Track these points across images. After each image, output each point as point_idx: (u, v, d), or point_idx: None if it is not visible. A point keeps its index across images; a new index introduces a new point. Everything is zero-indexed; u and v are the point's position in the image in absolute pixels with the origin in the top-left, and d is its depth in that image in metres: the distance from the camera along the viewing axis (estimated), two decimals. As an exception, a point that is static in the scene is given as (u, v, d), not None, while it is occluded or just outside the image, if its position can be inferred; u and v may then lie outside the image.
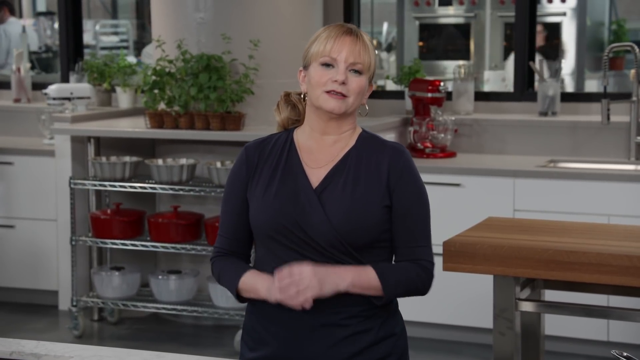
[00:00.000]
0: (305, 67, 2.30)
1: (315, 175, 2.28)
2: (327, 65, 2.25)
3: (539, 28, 7.44)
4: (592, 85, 8.33)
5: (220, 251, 2.36)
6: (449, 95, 5.37)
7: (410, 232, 2.26)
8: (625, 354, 1.94)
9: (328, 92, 2.24)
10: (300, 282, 2.15)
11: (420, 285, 2.28)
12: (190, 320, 5.26)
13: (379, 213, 2.23)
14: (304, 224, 2.22)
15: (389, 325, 2.30)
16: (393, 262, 2.31)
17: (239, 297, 2.32)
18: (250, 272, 2.28)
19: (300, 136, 2.33)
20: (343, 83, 2.23)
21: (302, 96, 2.35)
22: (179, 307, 4.95)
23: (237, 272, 2.29)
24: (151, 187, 4.93)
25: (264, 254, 2.30)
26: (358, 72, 2.25)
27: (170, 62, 5.01)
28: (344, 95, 2.24)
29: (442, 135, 5.09)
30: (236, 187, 2.32)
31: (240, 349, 2.39)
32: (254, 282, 2.25)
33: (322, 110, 2.26)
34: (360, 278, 2.22)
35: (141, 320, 5.33)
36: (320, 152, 2.30)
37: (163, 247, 4.92)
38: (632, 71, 5.04)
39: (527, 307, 3.25)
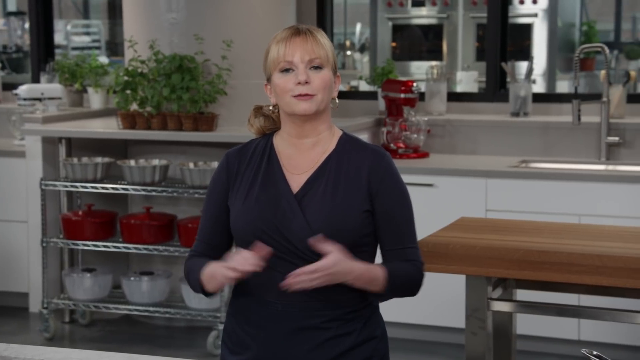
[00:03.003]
0: (268, 79, 2.30)
1: (296, 180, 2.27)
2: (286, 70, 2.24)
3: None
4: (563, 86, 8.40)
5: (194, 254, 2.35)
6: (421, 96, 5.39)
7: (397, 235, 2.27)
8: (595, 352, 1.95)
9: (295, 96, 2.23)
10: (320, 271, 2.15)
11: (414, 285, 2.30)
12: (162, 322, 5.23)
13: (359, 218, 2.23)
14: (284, 229, 2.22)
15: (370, 328, 2.30)
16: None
17: (204, 292, 2.30)
18: (211, 263, 2.28)
19: (279, 142, 2.33)
20: (307, 82, 2.22)
21: (273, 108, 2.34)
22: (151, 308, 4.93)
23: (200, 267, 2.28)
24: (123, 188, 4.90)
25: None
26: (318, 68, 2.24)
27: (143, 62, 4.99)
28: (311, 95, 2.23)
29: (415, 135, 5.11)
30: (217, 193, 2.32)
31: (221, 351, 2.38)
32: (212, 269, 2.24)
33: (296, 115, 2.26)
34: (370, 274, 2.22)
35: (113, 322, 5.30)
36: (300, 157, 2.30)
37: (135, 248, 4.90)
38: (603, 72, 5.08)
39: (499, 306, 3.26)
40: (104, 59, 7.70)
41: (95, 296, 5.05)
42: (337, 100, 2.33)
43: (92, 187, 4.95)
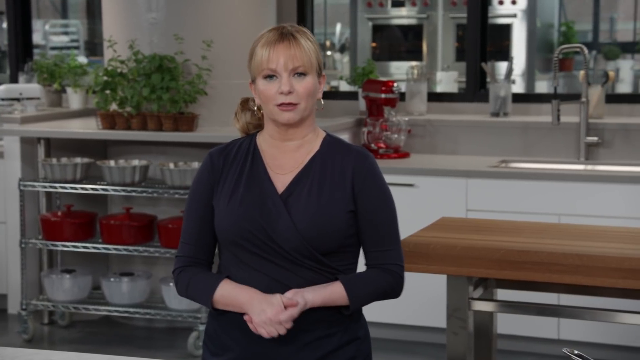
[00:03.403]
0: (253, 80, 2.28)
1: (281, 181, 2.26)
2: (270, 77, 2.22)
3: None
4: (542, 86, 8.43)
5: (184, 261, 2.31)
6: (402, 96, 5.39)
7: (377, 237, 2.26)
8: (576, 352, 1.96)
9: (279, 105, 2.22)
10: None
11: (390, 291, 2.28)
12: (142, 323, 5.21)
13: (344, 218, 2.23)
14: (270, 229, 2.21)
15: (353, 329, 2.29)
16: (363, 268, 2.30)
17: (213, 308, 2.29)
18: (227, 283, 2.25)
19: (263, 142, 2.32)
20: (290, 92, 2.20)
21: (257, 109, 2.33)
22: (131, 309, 4.91)
23: (211, 283, 2.26)
24: (103, 189, 4.88)
25: (229, 259, 2.28)
26: (302, 74, 2.22)
27: (122, 62, 4.96)
28: (295, 104, 2.22)
29: (396, 135, 5.11)
30: (201, 193, 2.30)
31: (203, 354, 2.36)
32: (236, 296, 2.22)
33: (279, 122, 2.25)
34: (331, 297, 2.22)
35: (92, 324, 5.27)
36: (284, 158, 2.29)
37: (115, 249, 4.87)
38: (582, 72, 5.10)
39: (480, 306, 3.27)
40: (82, 59, 7.65)
41: (74, 297, 5.02)
42: (322, 102, 2.32)
43: (72, 188, 4.92)
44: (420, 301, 4.66)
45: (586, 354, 4.59)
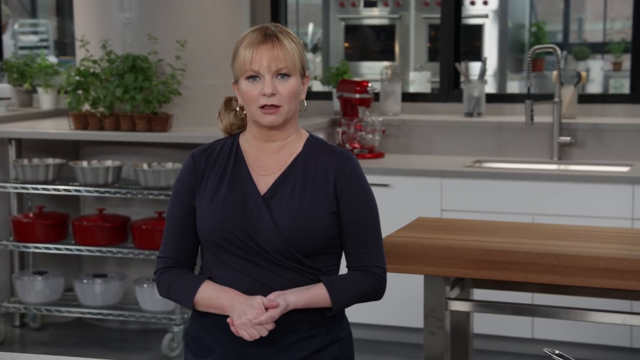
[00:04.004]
0: (236, 81, 2.27)
1: (263, 182, 2.25)
2: (253, 77, 2.21)
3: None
4: (513, 86, 8.48)
5: (166, 262, 2.29)
6: (376, 96, 5.40)
7: (360, 238, 2.25)
8: (557, 351, 1.96)
9: (261, 107, 2.20)
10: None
11: (372, 293, 2.28)
12: (116, 325, 5.17)
13: (327, 220, 2.22)
14: (252, 231, 2.20)
15: (335, 330, 2.29)
16: (346, 270, 2.29)
17: (194, 309, 2.27)
18: (208, 285, 2.23)
19: (245, 143, 2.30)
20: (272, 94, 2.19)
21: (240, 110, 2.32)
22: (104, 311, 4.87)
23: (192, 285, 2.24)
24: (76, 190, 4.83)
25: (211, 260, 2.27)
26: (285, 76, 2.21)
27: (95, 62, 4.92)
28: (277, 106, 2.20)
29: (370, 136, 5.11)
30: (182, 194, 2.29)
31: (185, 355, 2.35)
32: (217, 298, 2.21)
33: (261, 124, 2.24)
34: (314, 299, 2.21)
35: (65, 326, 5.22)
36: (267, 158, 2.27)
37: (88, 250, 4.83)
38: (555, 72, 5.13)
39: (457, 306, 3.28)
40: (52, 59, 7.58)
41: (46, 299, 4.98)
42: (305, 103, 2.30)
43: (43, 189, 4.87)
44: (397, 301, 4.66)
45: (564, 353, 4.61)
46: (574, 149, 5.02)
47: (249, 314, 2.14)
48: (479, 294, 3.78)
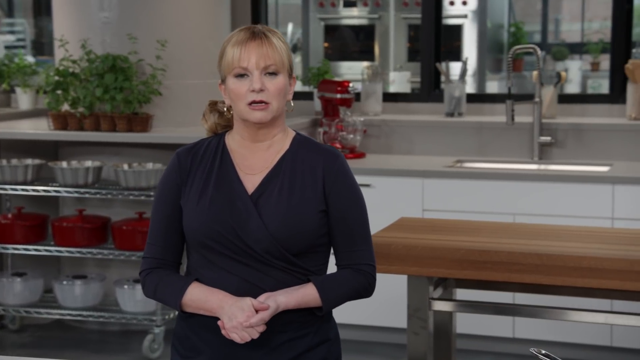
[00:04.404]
0: (223, 80, 2.26)
1: (251, 181, 2.24)
2: (241, 75, 2.20)
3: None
4: (492, 86, 8.51)
5: (152, 263, 2.28)
6: (357, 96, 5.39)
7: (348, 236, 2.25)
8: (543, 351, 1.96)
9: (250, 104, 2.20)
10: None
11: (363, 291, 2.28)
12: (96, 326, 5.14)
13: (316, 218, 2.21)
14: (240, 231, 2.18)
15: (324, 330, 2.29)
16: (336, 268, 2.29)
17: (181, 310, 2.26)
18: (196, 286, 2.22)
19: (232, 142, 2.29)
20: (261, 90, 2.19)
21: (227, 110, 2.31)
22: (84, 312, 4.84)
23: (180, 286, 2.23)
24: (55, 191, 4.80)
25: (198, 260, 2.25)
26: (274, 74, 2.20)
27: (74, 62, 4.89)
28: (266, 103, 2.20)
29: (352, 136, 5.11)
30: (167, 193, 2.27)
31: (171, 356, 2.33)
32: (205, 300, 2.19)
33: (250, 122, 2.23)
34: (304, 300, 2.20)
35: (44, 327, 5.18)
36: (254, 157, 2.26)
37: (68, 251, 4.80)
38: (535, 72, 5.15)
39: (441, 306, 3.28)
40: (29, 59, 7.52)
41: (25, 301, 4.94)
42: (292, 103, 2.29)
43: (22, 190, 4.83)
44: (379, 302, 4.65)
45: (546, 351, 4.61)
46: (554, 148, 5.04)
47: (240, 317, 2.13)
48: (461, 293, 3.79)
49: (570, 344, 4.56)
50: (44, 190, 4.81)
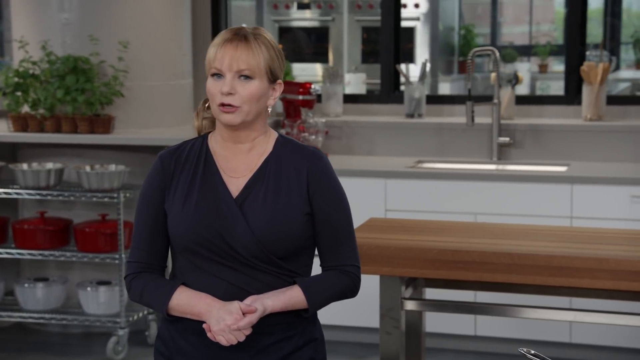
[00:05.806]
0: None
1: (235, 184, 2.23)
2: (217, 75, 2.19)
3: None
4: (444, 87, 8.61)
5: (137, 267, 2.27)
6: (318, 98, 5.42)
7: (333, 238, 2.26)
8: (532, 351, 2.00)
9: (220, 105, 2.19)
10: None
11: (348, 292, 2.30)
12: (57, 329, 5.09)
13: (302, 221, 2.22)
14: (226, 235, 2.18)
15: (310, 330, 2.30)
16: (320, 270, 2.31)
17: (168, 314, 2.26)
18: (183, 291, 2.22)
19: (215, 144, 2.29)
20: (230, 93, 2.17)
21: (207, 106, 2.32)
22: (46, 315, 4.79)
23: (166, 290, 2.22)
24: (16, 193, 4.74)
25: (183, 265, 2.25)
26: (248, 77, 2.18)
27: (34, 63, 4.84)
28: (235, 107, 2.18)
29: (314, 137, 5.14)
30: (151, 197, 2.26)
31: (154, 359, 2.33)
32: (193, 305, 2.19)
33: (220, 122, 2.23)
34: (291, 302, 2.22)
35: (5, 331, 5.12)
36: (237, 160, 2.26)
37: (29, 254, 4.75)
38: (493, 74, 5.24)
39: (413, 306, 3.33)
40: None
41: (-15, 305, 4.88)
42: (269, 108, 2.28)
43: (-18, 192, 4.77)
44: (349, 302, 4.68)
45: (504, 350, 4.71)
46: (512, 149, 5.13)
47: (227, 320, 2.13)
48: (430, 293, 3.84)
49: (531, 341, 4.64)
50: (5, 193, 4.75)
